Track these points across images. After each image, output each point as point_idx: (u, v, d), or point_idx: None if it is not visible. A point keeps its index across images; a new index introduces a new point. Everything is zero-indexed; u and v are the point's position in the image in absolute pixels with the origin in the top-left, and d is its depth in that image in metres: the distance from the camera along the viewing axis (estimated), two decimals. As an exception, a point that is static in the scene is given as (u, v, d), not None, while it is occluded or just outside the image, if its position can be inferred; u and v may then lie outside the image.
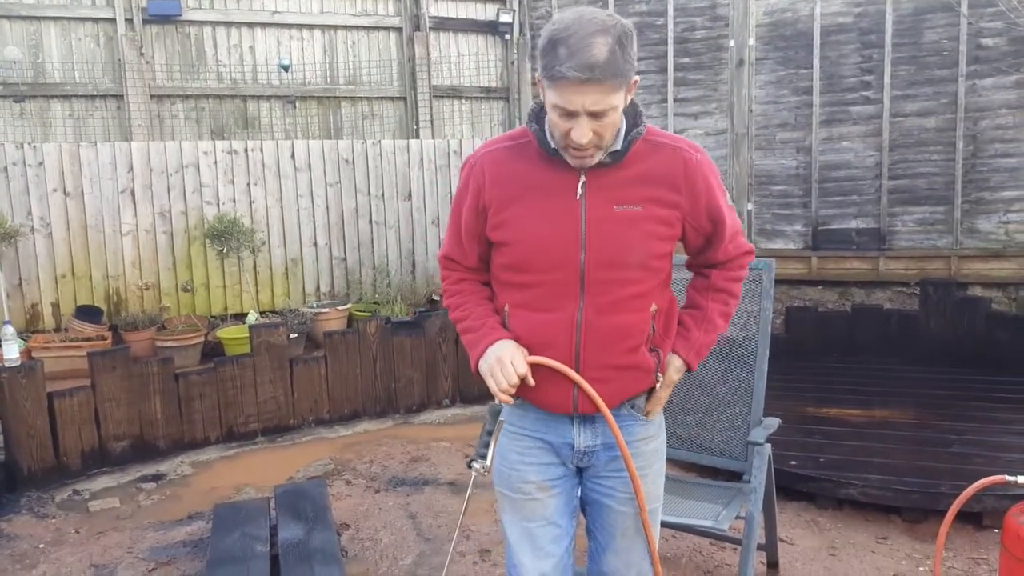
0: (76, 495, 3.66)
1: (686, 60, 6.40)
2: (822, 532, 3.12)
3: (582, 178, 1.52)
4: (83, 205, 5.67)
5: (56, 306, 5.64)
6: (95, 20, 6.40)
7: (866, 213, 6.02)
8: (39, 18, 6.24)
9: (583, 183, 1.52)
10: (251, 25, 6.87)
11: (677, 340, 1.68)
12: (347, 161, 6.43)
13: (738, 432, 2.58)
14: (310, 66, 7.08)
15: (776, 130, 6.25)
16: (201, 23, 6.72)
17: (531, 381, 1.54)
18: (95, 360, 3.89)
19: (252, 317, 5.79)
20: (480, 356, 1.58)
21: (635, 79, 1.46)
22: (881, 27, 5.83)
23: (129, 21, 6.43)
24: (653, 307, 1.59)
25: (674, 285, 1.74)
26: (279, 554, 2.73)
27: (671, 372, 1.66)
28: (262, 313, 6.05)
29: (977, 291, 5.64)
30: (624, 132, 1.53)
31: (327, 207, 6.39)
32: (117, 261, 5.79)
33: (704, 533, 2.74)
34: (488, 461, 1.53)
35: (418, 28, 7.29)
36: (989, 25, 5.50)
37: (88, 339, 5.26)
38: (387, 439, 4.32)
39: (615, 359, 1.57)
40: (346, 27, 7.19)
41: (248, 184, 6.13)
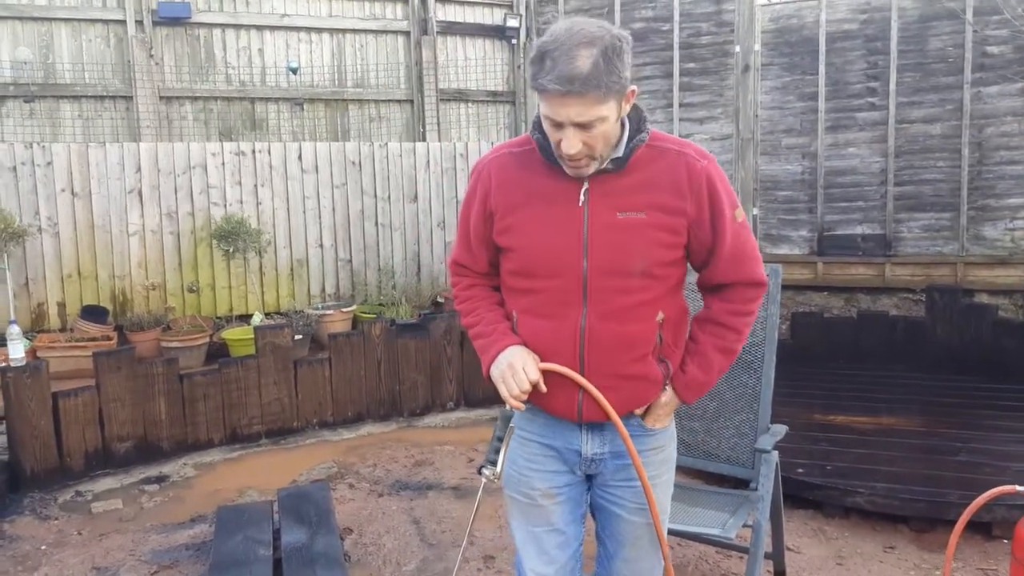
0: (79, 496, 3.66)
1: (692, 65, 6.39)
2: (829, 541, 3.10)
3: (585, 185, 1.52)
4: (90, 205, 5.68)
5: (62, 306, 5.64)
6: (105, 22, 6.42)
7: (872, 219, 6.00)
8: (50, 19, 6.27)
9: (586, 190, 1.52)
10: (260, 28, 6.90)
11: (675, 372, 1.63)
12: (354, 163, 6.44)
13: (745, 439, 2.57)
14: (318, 69, 7.09)
15: (782, 136, 6.24)
16: (210, 25, 6.74)
17: (543, 387, 1.54)
18: (100, 360, 3.89)
19: (257, 318, 5.79)
20: (492, 361, 1.58)
21: (631, 89, 1.45)
22: (887, 34, 5.83)
23: (139, 23, 6.45)
24: (660, 316, 1.56)
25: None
26: (282, 558, 2.72)
27: (662, 399, 1.62)
28: (267, 314, 6.06)
29: (983, 298, 5.62)
30: (627, 139, 1.51)
31: (333, 209, 6.40)
32: (123, 261, 5.80)
33: (711, 541, 2.73)
34: (499, 468, 1.51)
35: (426, 32, 7.30)
36: (994, 33, 5.49)
37: (93, 339, 5.27)
38: (391, 442, 4.31)
39: (620, 368, 1.55)
40: (354, 30, 7.21)
41: (255, 185, 6.14)
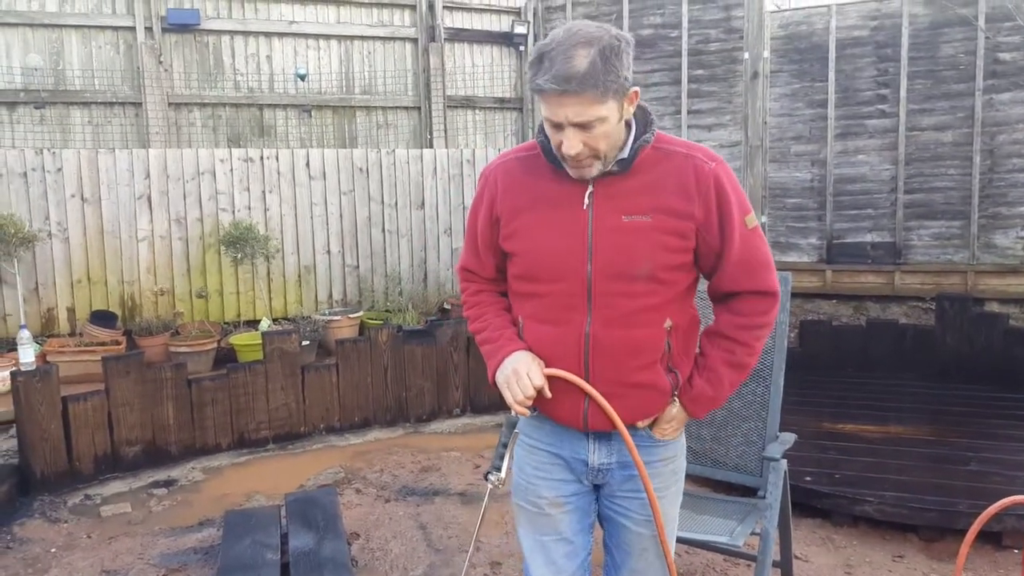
0: (88, 500, 3.68)
1: (700, 72, 6.39)
2: (838, 549, 3.08)
3: (589, 188, 1.50)
4: (100, 211, 5.72)
5: (71, 311, 5.68)
6: (115, 28, 6.49)
7: (881, 227, 5.97)
8: (60, 26, 6.34)
9: (590, 193, 1.50)
10: (268, 35, 6.95)
11: (683, 385, 1.59)
12: (361, 170, 6.47)
13: (753, 447, 2.55)
14: (326, 75, 7.13)
15: (791, 143, 6.23)
16: (219, 32, 6.79)
17: (547, 393, 1.53)
18: (109, 365, 3.91)
19: (265, 324, 5.82)
20: (497, 367, 1.57)
21: (634, 90, 1.44)
22: (897, 41, 5.81)
23: (148, 30, 6.51)
24: (668, 323, 1.53)
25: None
26: (290, 562, 2.73)
27: (671, 411, 1.59)
28: (275, 320, 6.08)
29: (994, 307, 5.58)
30: (632, 140, 1.50)
31: (341, 215, 6.42)
32: (132, 267, 5.84)
33: (718, 549, 2.71)
34: (503, 473, 1.51)
35: (433, 39, 7.33)
36: (1007, 40, 5.47)
37: (102, 344, 5.30)
38: (398, 448, 4.31)
39: (626, 376, 1.52)
40: (362, 37, 7.25)
41: (263, 192, 6.17)
